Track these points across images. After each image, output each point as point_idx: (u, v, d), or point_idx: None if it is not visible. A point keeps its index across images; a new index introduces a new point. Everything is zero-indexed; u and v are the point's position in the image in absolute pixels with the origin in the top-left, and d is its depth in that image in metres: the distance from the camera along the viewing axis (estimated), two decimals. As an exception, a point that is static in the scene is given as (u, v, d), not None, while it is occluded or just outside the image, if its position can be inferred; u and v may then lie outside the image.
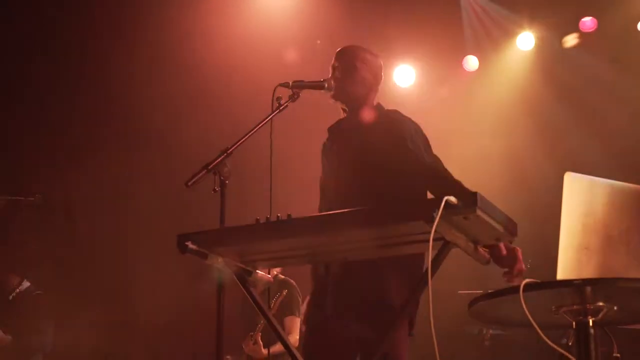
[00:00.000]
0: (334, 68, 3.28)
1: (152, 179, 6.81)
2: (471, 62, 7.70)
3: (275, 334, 2.66)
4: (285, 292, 5.33)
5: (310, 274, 3.17)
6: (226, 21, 6.76)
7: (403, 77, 7.71)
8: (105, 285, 6.60)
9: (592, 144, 6.91)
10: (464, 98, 7.65)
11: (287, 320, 5.39)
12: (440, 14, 7.11)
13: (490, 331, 6.33)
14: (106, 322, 6.41)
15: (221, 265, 2.54)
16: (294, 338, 5.24)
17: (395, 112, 3.21)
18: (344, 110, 3.27)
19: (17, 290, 5.71)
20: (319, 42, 7.03)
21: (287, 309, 5.38)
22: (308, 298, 3.24)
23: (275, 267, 4.67)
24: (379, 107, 3.26)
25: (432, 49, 7.41)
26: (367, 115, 3.20)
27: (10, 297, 5.70)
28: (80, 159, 6.47)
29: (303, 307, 4.82)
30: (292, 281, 5.53)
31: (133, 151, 6.77)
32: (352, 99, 3.23)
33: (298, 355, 2.70)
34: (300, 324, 4.93)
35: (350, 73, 3.22)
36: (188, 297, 6.16)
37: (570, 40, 7.20)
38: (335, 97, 3.22)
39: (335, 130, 3.27)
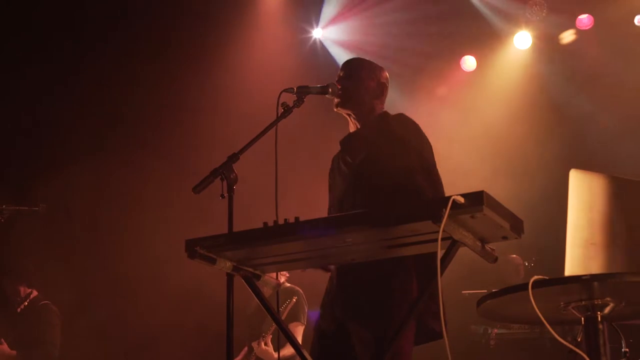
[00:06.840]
0: (339, 77, 3.29)
1: (160, 185, 6.81)
2: (469, 62, 7.72)
3: (285, 337, 2.68)
4: (295, 299, 5.38)
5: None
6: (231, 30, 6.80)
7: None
8: (111, 292, 6.59)
9: (594, 140, 6.93)
10: (462, 98, 7.67)
11: (292, 326, 5.42)
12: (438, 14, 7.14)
13: (496, 330, 6.34)
14: (112, 329, 6.41)
15: (230, 270, 2.56)
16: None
17: (401, 116, 3.22)
18: (349, 117, 3.28)
19: (26, 302, 5.64)
20: None
21: (293, 315, 5.42)
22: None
23: (284, 270, 4.68)
24: (384, 115, 3.26)
25: (430, 49, 7.44)
26: (374, 124, 3.20)
27: (19, 310, 5.63)
28: (87, 164, 6.46)
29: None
30: (298, 289, 5.57)
31: (140, 157, 6.76)
32: (358, 107, 3.23)
33: (308, 356, 2.72)
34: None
35: (356, 82, 3.24)
36: (195, 304, 6.17)
37: (567, 36, 7.22)
38: (341, 104, 3.22)
39: (346, 142, 3.28)
